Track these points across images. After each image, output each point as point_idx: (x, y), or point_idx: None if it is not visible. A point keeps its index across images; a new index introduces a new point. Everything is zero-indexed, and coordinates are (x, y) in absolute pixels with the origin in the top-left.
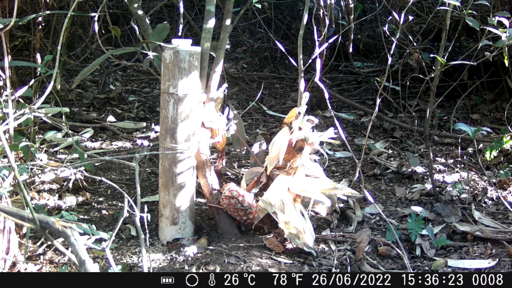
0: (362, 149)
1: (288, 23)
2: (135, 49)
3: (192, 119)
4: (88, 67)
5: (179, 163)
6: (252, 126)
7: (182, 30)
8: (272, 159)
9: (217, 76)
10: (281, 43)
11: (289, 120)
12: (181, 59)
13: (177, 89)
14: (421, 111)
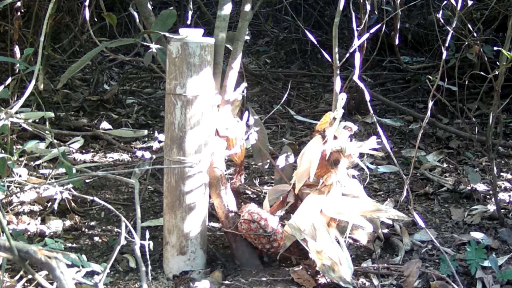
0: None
1: (320, 9)
2: (134, 41)
3: (204, 126)
4: (77, 63)
5: (188, 180)
6: (277, 134)
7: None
8: (301, 175)
9: (234, 73)
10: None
11: (322, 127)
12: (191, 53)
13: (185, 89)
14: (483, 116)
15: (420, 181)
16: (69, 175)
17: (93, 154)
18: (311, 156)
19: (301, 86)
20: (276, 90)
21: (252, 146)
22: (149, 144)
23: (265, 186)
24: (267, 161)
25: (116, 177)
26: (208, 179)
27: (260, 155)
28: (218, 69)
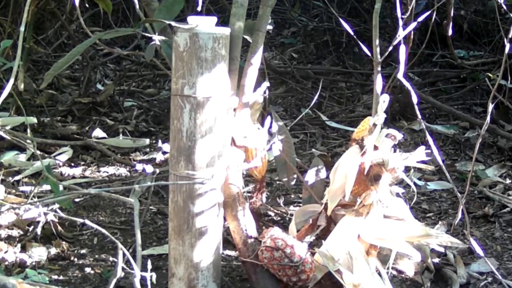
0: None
1: None
2: (134, 32)
3: (218, 134)
4: (65, 58)
5: (198, 199)
6: (306, 143)
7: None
8: (334, 193)
9: (254, 70)
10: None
11: (360, 135)
12: (201, 46)
13: (195, 89)
14: None
15: (478, 201)
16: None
17: (84, 167)
18: (347, 171)
19: (335, 85)
20: (305, 91)
21: (276, 158)
22: (151, 156)
23: (291, 206)
24: (294, 176)
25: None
26: (222, 198)
27: (285, 169)
28: (235, 66)
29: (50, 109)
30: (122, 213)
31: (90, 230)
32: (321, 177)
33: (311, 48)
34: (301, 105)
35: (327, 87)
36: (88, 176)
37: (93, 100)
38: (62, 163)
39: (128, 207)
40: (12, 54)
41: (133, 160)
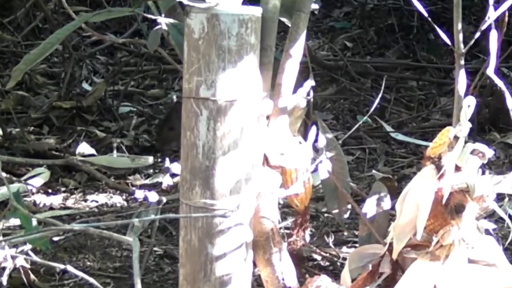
0: None
1: None
2: (132, 12)
3: (245, 150)
4: (39, 48)
5: (218, 237)
6: (364, 163)
7: None
8: (402, 229)
9: (294, 65)
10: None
11: (437, 151)
12: (223, 32)
13: (214, 90)
14: None
15: None
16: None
17: (65, 195)
18: (419, 199)
19: (403, 85)
20: (362, 92)
21: (323, 183)
22: (155, 180)
23: (344, 247)
24: (347, 206)
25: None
26: (251, 236)
27: (335, 197)
28: (268, 58)
29: (19, 117)
30: (116, 257)
31: (74, 279)
32: (384, 208)
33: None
34: (357, 111)
35: (392, 87)
36: (70, 206)
37: (78, 105)
38: (35, 189)
39: (124, 248)
40: None
41: (131, 186)
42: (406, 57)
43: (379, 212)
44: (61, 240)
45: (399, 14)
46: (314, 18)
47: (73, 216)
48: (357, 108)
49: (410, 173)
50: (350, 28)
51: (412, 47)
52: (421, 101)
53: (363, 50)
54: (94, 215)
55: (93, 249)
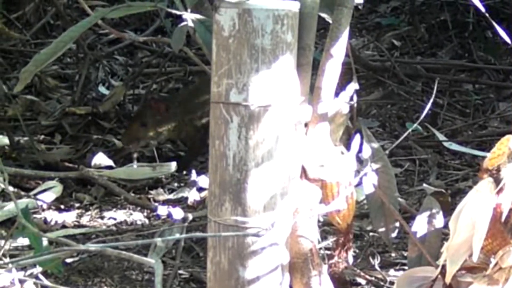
0: None
1: None
2: (154, 8)
3: (281, 162)
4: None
5: (251, 259)
6: (413, 176)
7: None
8: (456, 250)
9: (336, 66)
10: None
11: (495, 163)
12: (256, 29)
13: (247, 94)
14: None
15: None
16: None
17: (80, 211)
18: (475, 216)
19: (457, 88)
20: (412, 96)
21: (368, 198)
22: (180, 195)
23: (392, 269)
24: (395, 224)
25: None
26: (288, 257)
27: (382, 214)
28: (307, 59)
29: (28, 124)
30: (137, 281)
31: None
32: (436, 226)
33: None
34: (406, 118)
35: (445, 91)
36: (85, 224)
37: (93, 111)
38: (46, 205)
39: (146, 271)
40: None
41: (153, 201)
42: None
43: (430, 230)
44: (75, 262)
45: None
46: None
47: (89, 235)
48: (406, 114)
49: (465, 187)
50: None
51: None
52: (478, 107)
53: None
54: (112, 234)
55: (111, 272)
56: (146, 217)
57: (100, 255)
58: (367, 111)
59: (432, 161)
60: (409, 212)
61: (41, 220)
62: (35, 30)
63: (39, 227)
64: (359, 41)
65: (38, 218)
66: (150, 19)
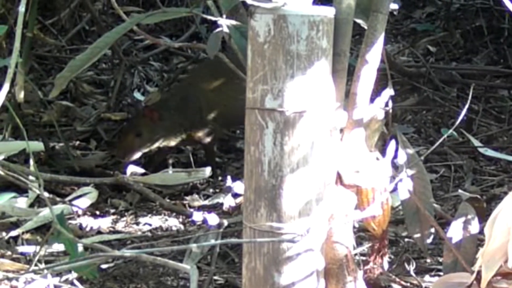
0: None
1: None
2: (189, 13)
3: (316, 167)
4: (86, 53)
5: (286, 265)
6: (449, 181)
7: None
8: (492, 256)
9: (371, 72)
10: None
11: None
12: (291, 35)
13: (282, 100)
14: None
15: None
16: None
17: (115, 217)
18: (510, 222)
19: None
20: (447, 102)
21: (404, 204)
22: (216, 200)
23: (427, 275)
24: (431, 230)
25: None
26: (323, 263)
27: (417, 219)
28: (342, 64)
29: (64, 130)
30: (172, 287)
31: None
32: (471, 232)
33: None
34: (441, 124)
35: (480, 97)
36: (121, 230)
37: (129, 116)
38: (81, 211)
39: (181, 276)
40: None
41: (188, 207)
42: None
43: (466, 236)
44: (110, 268)
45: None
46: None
47: (124, 241)
48: (441, 120)
49: (501, 193)
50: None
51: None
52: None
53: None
54: (147, 239)
55: (146, 278)
56: (181, 223)
57: (135, 261)
58: (402, 117)
59: (467, 167)
60: (445, 218)
61: (76, 226)
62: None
63: (74, 233)
64: (395, 47)
65: (73, 224)
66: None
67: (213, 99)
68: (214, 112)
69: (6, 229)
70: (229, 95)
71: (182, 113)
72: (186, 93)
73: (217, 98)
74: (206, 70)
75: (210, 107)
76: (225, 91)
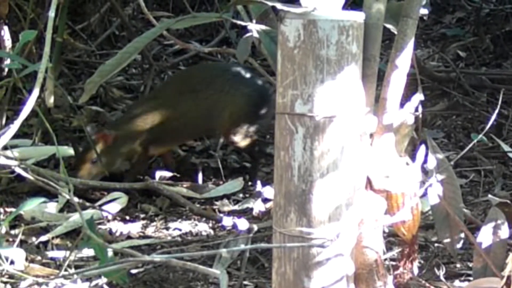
0: None
1: None
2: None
3: (346, 173)
4: (116, 58)
5: (316, 270)
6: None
7: None
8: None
9: (401, 77)
10: None
11: None
12: (321, 39)
13: (312, 105)
14: None
15: None
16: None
17: (145, 222)
18: None
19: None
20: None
21: (433, 209)
22: (245, 205)
23: (457, 280)
24: (460, 235)
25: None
26: (353, 268)
27: (447, 224)
28: (372, 69)
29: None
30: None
31: None
32: (501, 237)
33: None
34: (471, 129)
35: (510, 102)
36: (150, 235)
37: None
38: (111, 216)
39: (211, 281)
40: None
41: (218, 212)
42: None
43: (495, 241)
44: (140, 272)
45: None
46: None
47: (154, 246)
48: (471, 125)
49: None
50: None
51: None
52: None
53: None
54: (177, 244)
55: (176, 283)
56: (211, 228)
57: (165, 266)
58: (432, 122)
59: (497, 172)
60: (474, 223)
61: (106, 231)
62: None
63: (104, 238)
64: (424, 52)
65: (103, 229)
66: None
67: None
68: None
69: (36, 234)
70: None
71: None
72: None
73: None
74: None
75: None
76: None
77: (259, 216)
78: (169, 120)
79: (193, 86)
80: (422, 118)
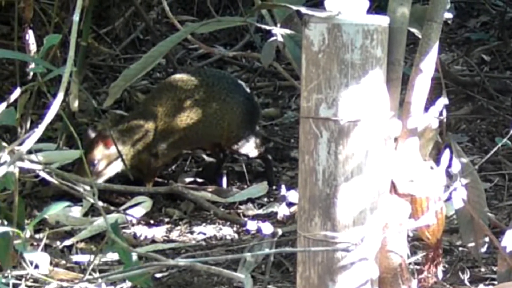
0: None
1: None
2: (243, 23)
3: (370, 177)
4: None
5: (340, 274)
6: (503, 190)
7: None
8: None
9: (425, 81)
10: None
11: None
12: (346, 44)
13: (336, 109)
14: None
15: None
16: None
17: (169, 226)
18: None
19: None
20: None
21: (458, 213)
22: (270, 209)
23: (481, 285)
24: (485, 239)
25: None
26: (377, 272)
27: (471, 228)
28: (396, 73)
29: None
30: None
31: None
32: None
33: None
34: (495, 133)
35: None
36: (175, 239)
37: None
38: (136, 220)
39: (236, 285)
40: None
41: (243, 216)
42: None
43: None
44: (165, 277)
45: None
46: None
47: (178, 250)
48: (495, 129)
49: None
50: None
51: None
52: None
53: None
54: (201, 249)
55: (200, 287)
56: (235, 232)
57: (189, 270)
58: (456, 126)
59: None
60: (499, 227)
61: (130, 235)
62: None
63: (129, 242)
64: (449, 56)
65: (127, 233)
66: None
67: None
68: (163, 135)
69: (60, 238)
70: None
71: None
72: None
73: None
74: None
75: (160, 129)
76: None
77: (283, 220)
78: (168, 129)
79: (191, 94)
80: (446, 122)
